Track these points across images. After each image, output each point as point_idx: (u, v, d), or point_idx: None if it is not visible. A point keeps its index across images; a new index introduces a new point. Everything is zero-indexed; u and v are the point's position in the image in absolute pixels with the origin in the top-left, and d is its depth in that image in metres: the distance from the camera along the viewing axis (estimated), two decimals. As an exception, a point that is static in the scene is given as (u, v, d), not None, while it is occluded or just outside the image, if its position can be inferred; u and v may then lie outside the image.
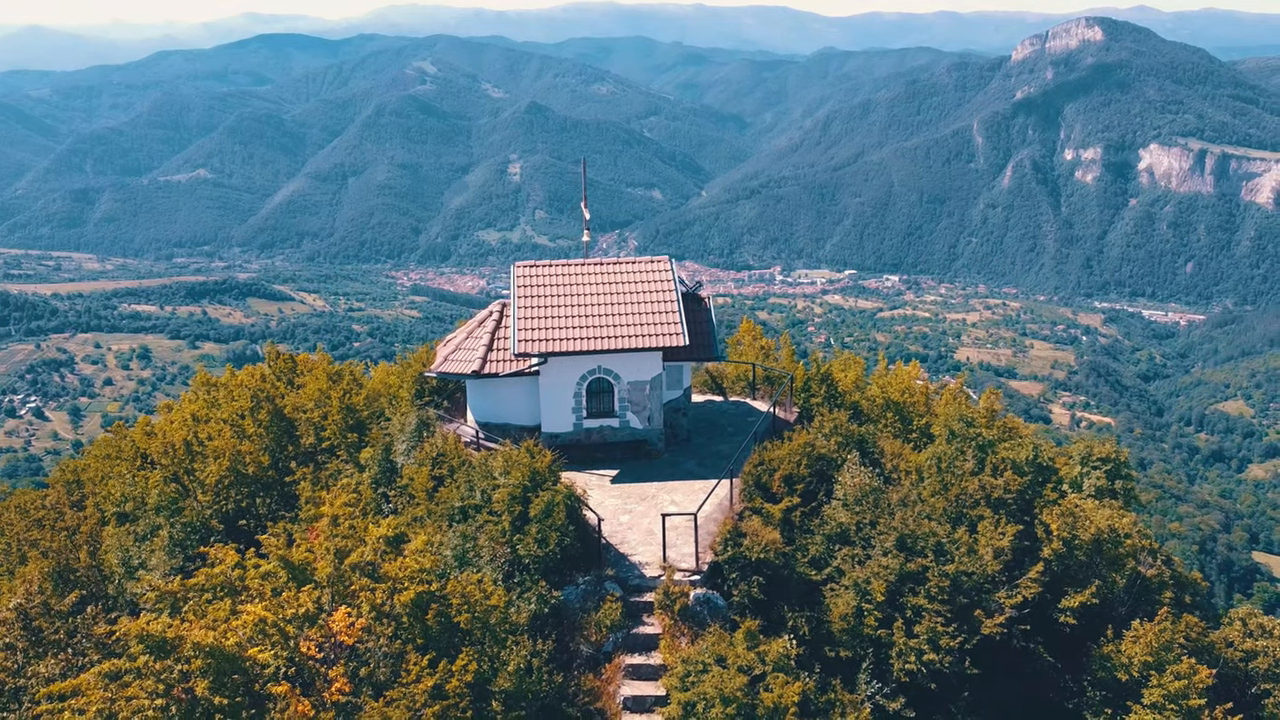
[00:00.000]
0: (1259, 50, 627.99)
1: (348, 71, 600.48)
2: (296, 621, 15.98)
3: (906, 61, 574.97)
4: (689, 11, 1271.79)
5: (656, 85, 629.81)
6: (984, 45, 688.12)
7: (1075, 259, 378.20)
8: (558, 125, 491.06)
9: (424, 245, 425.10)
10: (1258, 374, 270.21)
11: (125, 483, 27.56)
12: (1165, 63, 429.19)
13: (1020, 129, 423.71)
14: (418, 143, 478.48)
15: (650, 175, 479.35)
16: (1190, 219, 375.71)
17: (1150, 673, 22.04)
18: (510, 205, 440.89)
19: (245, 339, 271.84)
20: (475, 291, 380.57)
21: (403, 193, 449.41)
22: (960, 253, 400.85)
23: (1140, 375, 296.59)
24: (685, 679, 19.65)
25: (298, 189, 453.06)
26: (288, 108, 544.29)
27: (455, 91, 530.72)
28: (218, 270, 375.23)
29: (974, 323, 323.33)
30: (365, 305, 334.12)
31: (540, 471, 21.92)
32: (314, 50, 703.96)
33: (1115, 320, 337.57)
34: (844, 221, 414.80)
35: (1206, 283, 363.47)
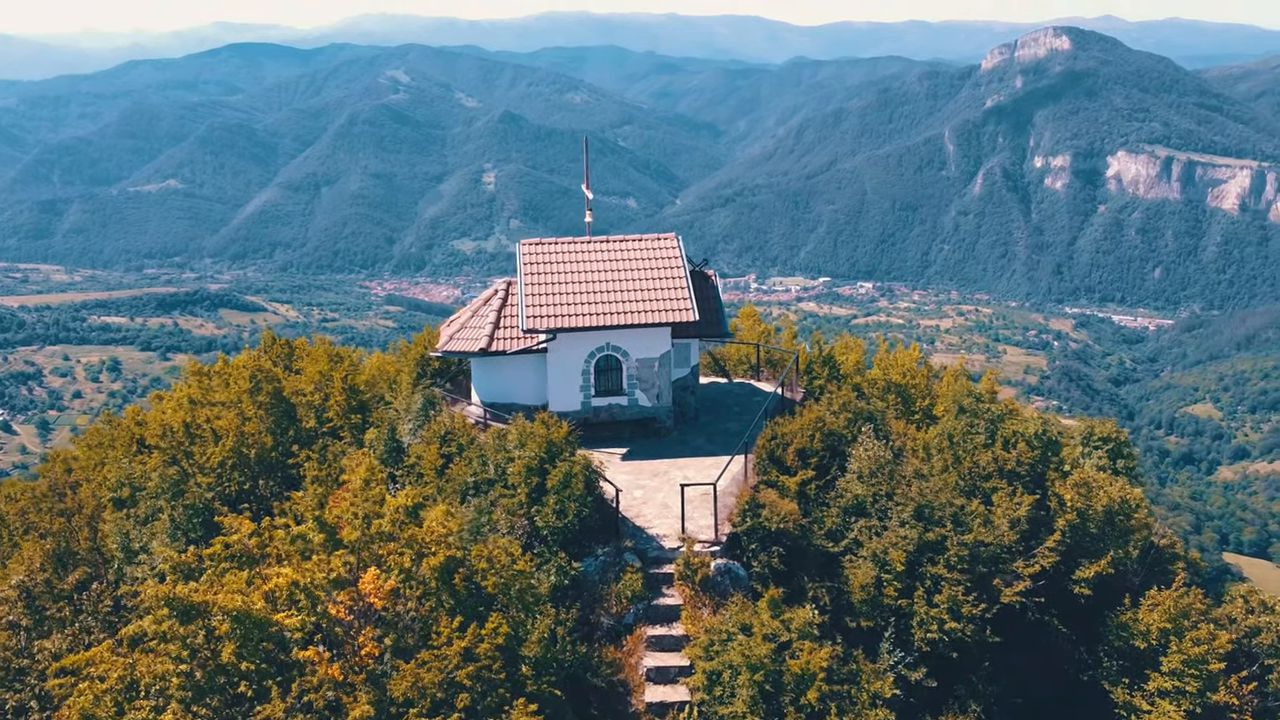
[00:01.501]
0: (1223, 59, 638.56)
1: (320, 80, 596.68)
2: (326, 585, 15.58)
3: (878, 70, 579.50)
4: (661, 21, 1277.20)
5: (630, 94, 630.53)
6: (954, 54, 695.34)
7: (1046, 265, 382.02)
8: (532, 134, 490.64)
9: (398, 255, 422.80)
10: (1225, 377, 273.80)
11: (122, 467, 26.94)
12: (1131, 71, 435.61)
13: (991, 137, 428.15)
14: (391, 152, 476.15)
15: (625, 184, 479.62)
16: (1158, 225, 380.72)
17: (1170, 639, 22.04)
18: (485, 214, 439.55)
19: (218, 350, 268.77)
20: (450, 301, 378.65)
21: (376, 202, 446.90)
22: (933, 260, 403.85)
23: (1111, 379, 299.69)
24: (709, 649, 19.40)
25: (270, 199, 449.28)
26: (260, 117, 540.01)
27: (428, 100, 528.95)
28: (189, 281, 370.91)
29: (947, 329, 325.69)
30: (339, 315, 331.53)
31: (556, 443, 21.63)
32: (286, 59, 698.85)
33: (1086, 325, 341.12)
34: (818, 229, 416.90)
35: (1174, 288, 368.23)
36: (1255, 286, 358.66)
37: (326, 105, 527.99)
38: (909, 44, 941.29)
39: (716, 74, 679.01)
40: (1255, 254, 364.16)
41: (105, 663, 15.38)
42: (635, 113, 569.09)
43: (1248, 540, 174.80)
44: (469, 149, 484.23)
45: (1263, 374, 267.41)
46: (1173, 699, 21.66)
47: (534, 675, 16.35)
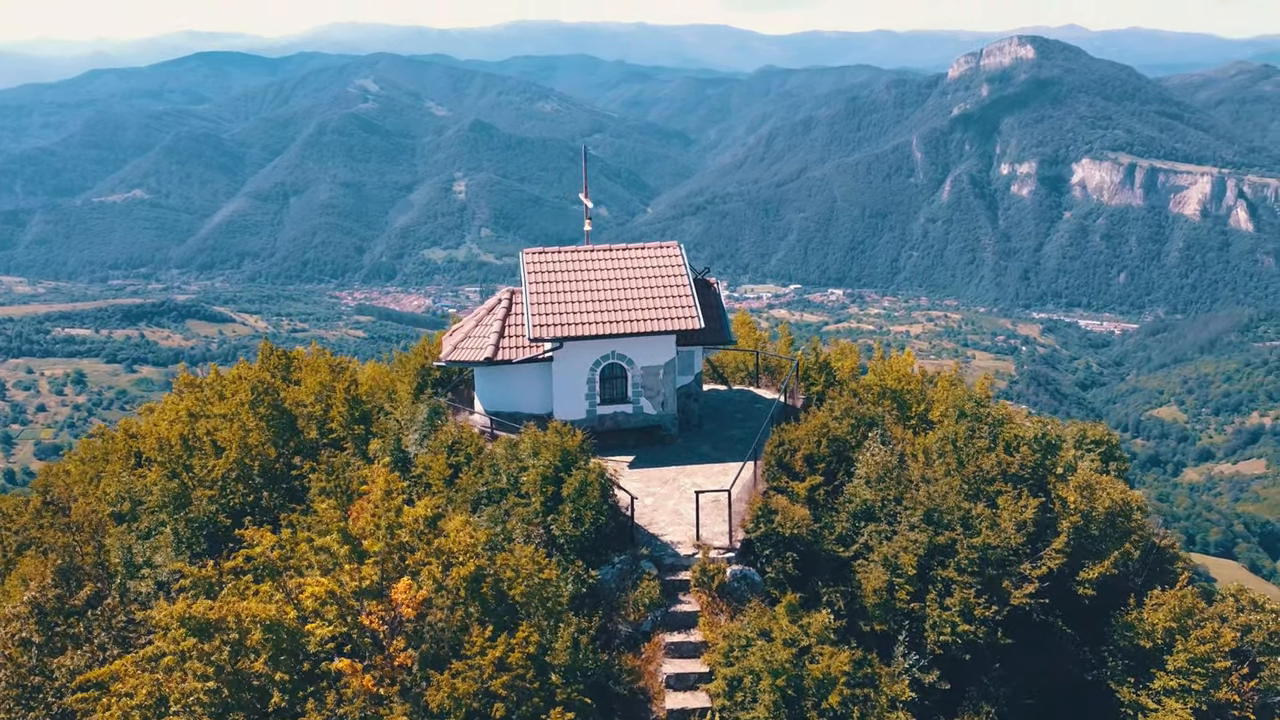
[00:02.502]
0: (1183, 67, 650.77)
1: (288, 89, 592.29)
2: (358, 595, 15.52)
3: (846, 79, 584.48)
4: (631, 30, 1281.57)
5: (601, 103, 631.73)
6: (921, 63, 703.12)
7: (1013, 271, 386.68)
8: (502, 143, 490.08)
9: (368, 264, 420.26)
10: (1189, 380, 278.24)
11: (122, 481, 26.62)
12: (1095, 80, 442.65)
13: (958, 144, 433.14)
14: (361, 161, 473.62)
15: (596, 192, 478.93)
16: (1122, 231, 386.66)
17: (1176, 638, 22.41)
18: (456, 223, 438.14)
19: (185, 361, 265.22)
20: (421, 310, 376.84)
21: (346, 212, 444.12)
22: (902, 266, 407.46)
23: (1078, 383, 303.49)
24: (729, 654, 19.50)
25: (238, 209, 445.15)
26: (227, 126, 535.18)
27: (398, 109, 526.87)
28: (155, 292, 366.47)
29: (917, 334, 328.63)
30: (309, 326, 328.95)
31: (571, 451, 21.66)
32: (253, 68, 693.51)
33: (1053, 330, 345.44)
34: (788, 237, 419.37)
35: (1139, 292, 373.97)
36: (1217, 291, 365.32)
37: (295, 114, 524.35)
38: (877, 53, 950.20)
39: (687, 83, 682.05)
40: (1216, 259, 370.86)
41: (132, 678, 15.23)
42: (606, 121, 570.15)
43: (1214, 541, 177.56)
44: (439, 158, 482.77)
45: (1225, 377, 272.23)
46: (1178, 697, 22.03)
47: (564, 683, 16.37)
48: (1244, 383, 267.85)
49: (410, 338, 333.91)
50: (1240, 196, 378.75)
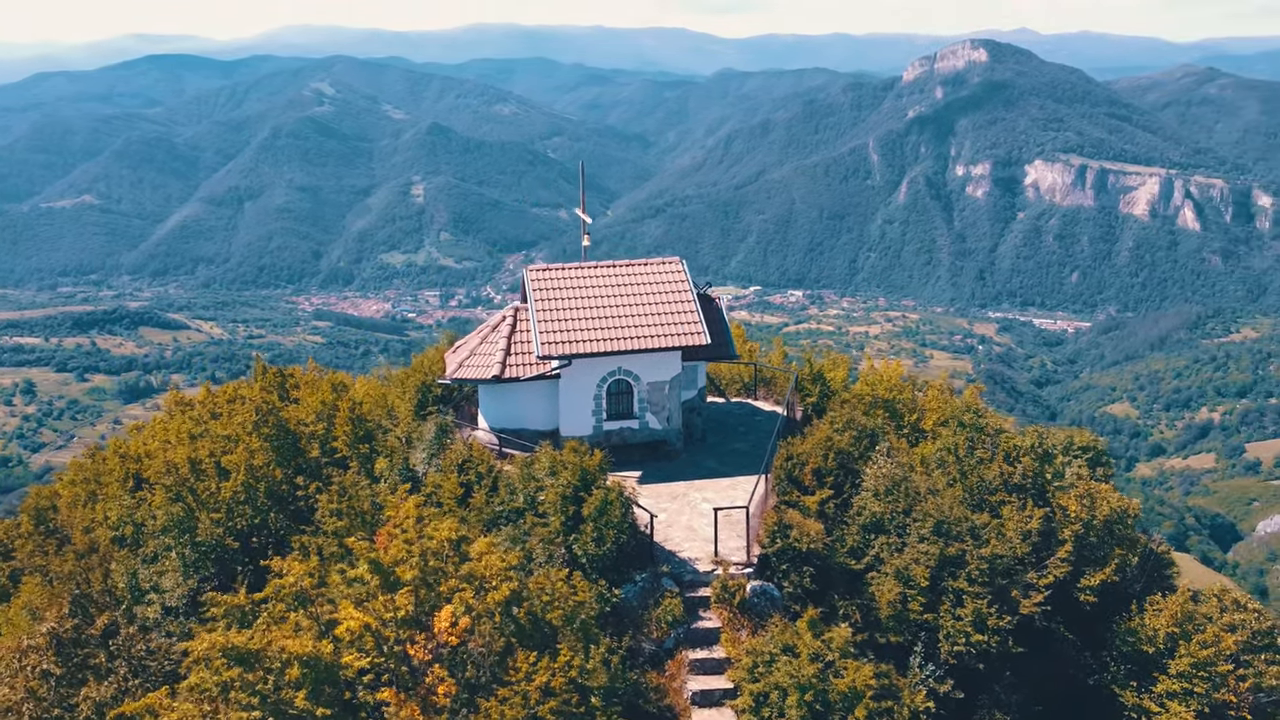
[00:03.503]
0: (1131, 70, 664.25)
1: (242, 93, 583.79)
2: (395, 625, 15.52)
3: (803, 82, 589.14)
4: (589, 32, 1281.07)
5: (559, 106, 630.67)
6: (877, 66, 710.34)
7: (969, 271, 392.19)
8: (461, 146, 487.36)
9: (326, 269, 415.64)
10: (1141, 377, 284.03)
11: (123, 505, 26.23)
12: (1046, 82, 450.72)
13: (913, 147, 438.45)
14: (317, 165, 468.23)
15: (555, 195, 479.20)
16: (1074, 231, 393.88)
17: (1178, 643, 23.06)
18: (414, 227, 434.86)
19: (138, 370, 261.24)
20: (380, 315, 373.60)
21: (302, 216, 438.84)
22: (861, 267, 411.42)
23: (1034, 381, 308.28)
24: (754, 670, 19.75)
25: (191, 214, 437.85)
26: (179, 130, 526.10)
27: (355, 113, 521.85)
28: (107, 299, 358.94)
29: (876, 335, 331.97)
30: (265, 332, 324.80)
31: (590, 471, 21.77)
32: (206, 71, 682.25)
33: (1008, 329, 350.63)
34: (748, 239, 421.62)
35: (1091, 291, 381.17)
36: (1166, 289, 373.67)
37: (249, 118, 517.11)
38: (833, 56, 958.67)
39: (645, 85, 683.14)
40: (1165, 258, 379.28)
41: (171, 711, 15.11)
42: (565, 124, 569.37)
43: (1166, 534, 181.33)
44: (397, 161, 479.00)
45: (1175, 373, 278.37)
46: (1181, 700, 22.66)
47: (604, 705, 16.50)
48: (1193, 379, 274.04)
49: (370, 343, 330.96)
50: (1187, 197, 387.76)
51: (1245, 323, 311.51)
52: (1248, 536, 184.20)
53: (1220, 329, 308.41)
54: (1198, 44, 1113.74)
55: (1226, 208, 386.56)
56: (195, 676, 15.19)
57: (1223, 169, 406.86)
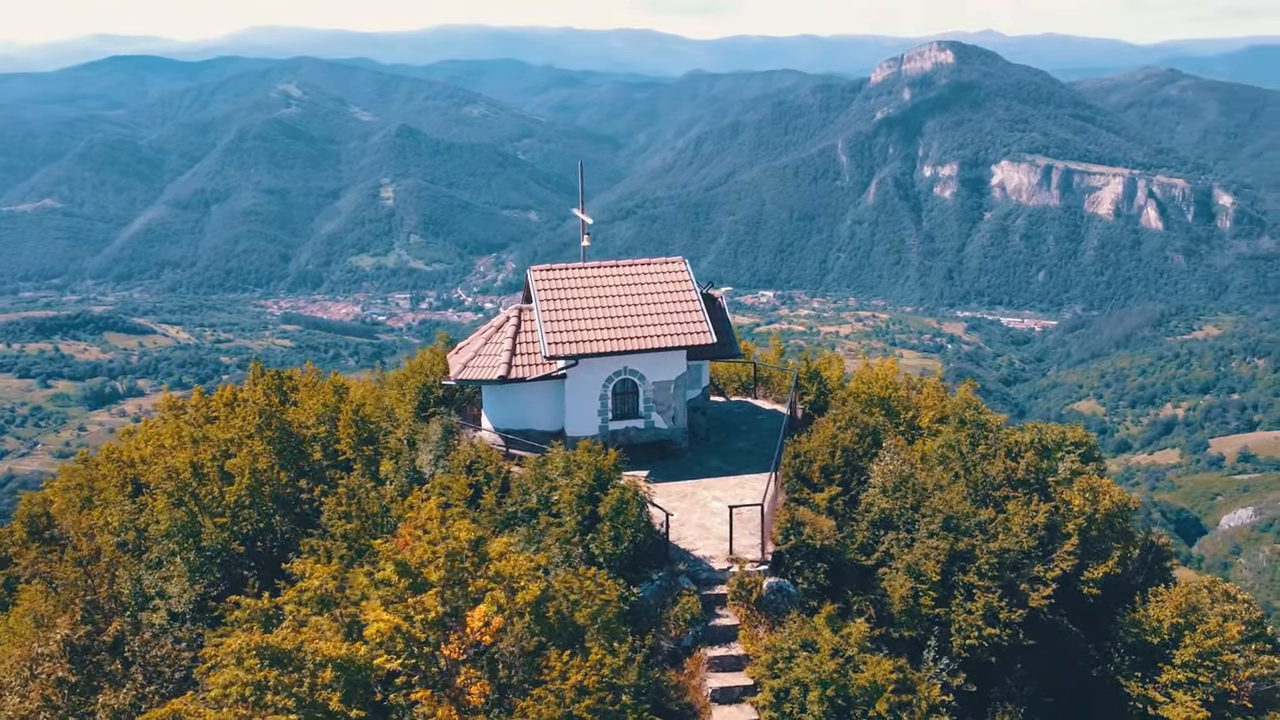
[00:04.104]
0: (1094, 71, 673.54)
1: (207, 94, 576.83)
2: (425, 626, 15.46)
3: (772, 84, 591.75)
4: (559, 34, 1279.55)
5: (529, 107, 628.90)
6: (845, 68, 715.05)
7: (938, 271, 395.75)
8: (430, 148, 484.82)
9: (294, 272, 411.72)
10: (1107, 374, 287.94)
11: (125, 511, 25.87)
12: (1011, 84, 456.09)
13: (882, 148, 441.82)
14: (284, 167, 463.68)
15: (526, 197, 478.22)
16: (1040, 230, 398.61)
17: (1183, 634, 23.45)
18: (384, 229, 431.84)
19: (103, 375, 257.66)
20: (350, 318, 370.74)
21: (270, 219, 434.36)
22: (831, 267, 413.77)
23: (1002, 380, 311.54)
24: (773, 667, 19.84)
25: (156, 217, 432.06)
26: (143, 132, 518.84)
27: (322, 114, 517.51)
28: (70, 304, 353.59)
29: (846, 335, 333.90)
30: (233, 336, 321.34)
31: (605, 470, 21.78)
32: (171, 73, 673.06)
33: (977, 328, 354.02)
34: (718, 240, 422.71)
35: (1057, 290, 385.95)
36: (1130, 288, 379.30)
37: (215, 120, 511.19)
38: (801, 58, 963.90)
39: (615, 87, 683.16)
40: (1129, 257, 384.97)
41: (197, 716, 14.95)
42: (535, 126, 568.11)
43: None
44: (366, 163, 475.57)
45: (1140, 370, 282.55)
46: (1186, 690, 23.04)
47: (634, 704, 16.53)
48: (1157, 376, 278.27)
49: (340, 346, 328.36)
50: (1150, 196, 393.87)
51: (1207, 320, 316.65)
52: (1212, 531, 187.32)
53: (1183, 326, 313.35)
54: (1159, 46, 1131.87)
55: (1188, 207, 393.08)
56: (228, 674, 15.02)
57: (1184, 169, 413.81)
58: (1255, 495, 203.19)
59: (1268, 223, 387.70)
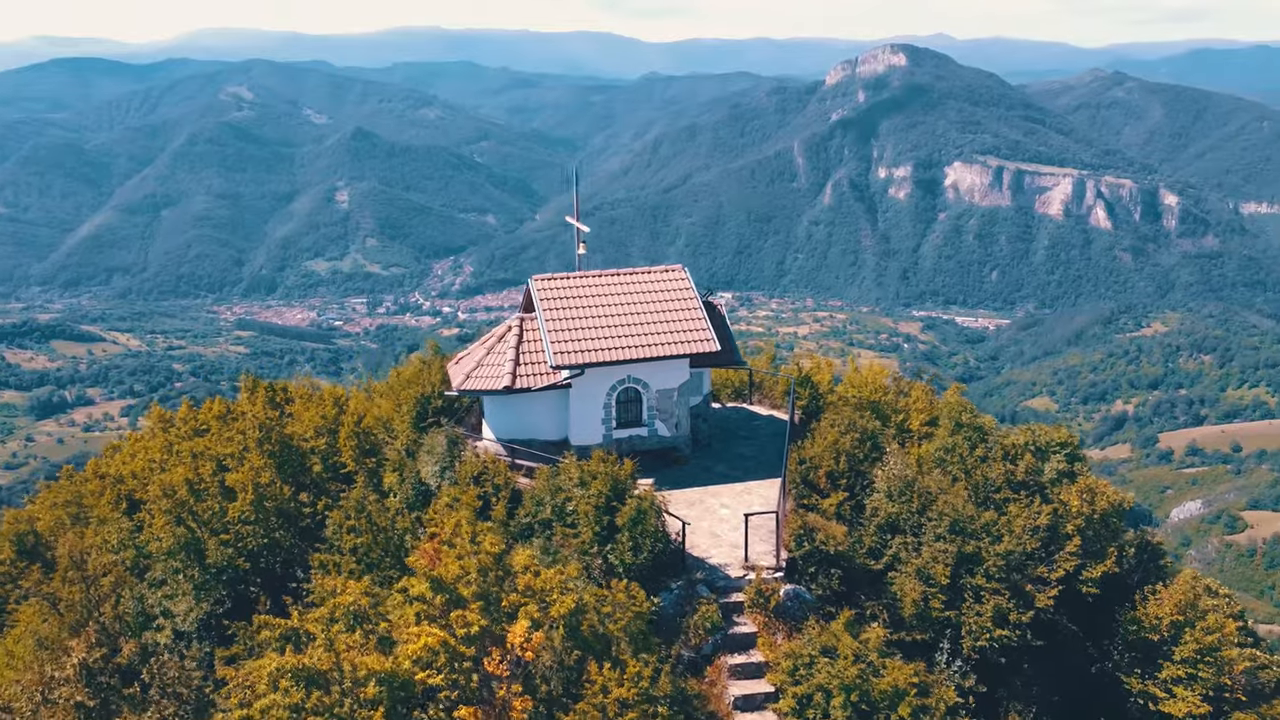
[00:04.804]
0: (1043, 74, 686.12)
1: (156, 97, 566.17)
2: (468, 641, 15.40)
3: (728, 86, 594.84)
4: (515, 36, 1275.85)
5: (485, 110, 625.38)
6: (800, 70, 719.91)
7: (893, 271, 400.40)
8: (385, 151, 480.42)
9: (248, 277, 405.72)
10: (1059, 372, 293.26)
11: (123, 529, 25.39)
12: (963, 86, 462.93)
13: (837, 149, 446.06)
14: (237, 171, 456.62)
15: (483, 200, 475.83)
16: (992, 231, 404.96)
17: (1183, 630, 24.03)
18: (339, 234, 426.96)
19: (51, 384, 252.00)
20: (306, 323, 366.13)
21: (222, 223, 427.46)
22: (788, 269, 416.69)
23: (958, 378, 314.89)
24: (794, 673, 20.02)
25: (105, 222, 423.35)
26: (90, 136, 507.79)
27: (275, 117, 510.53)
28: (15, 311, 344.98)
29: (805, 335, 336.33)
30: (186, 343, 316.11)
31: (621, 481, 21.82)
32: (118, 75, 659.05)
33: (932, 327, 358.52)
34: (677, 242, 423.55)
35: (1010, 289, 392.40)
36: (1080, 286, 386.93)
37: (165, 123, 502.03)
38: (756, 60, 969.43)
39: (571, 89, 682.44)
40: (1079, 256, 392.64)
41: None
42: (491, 128, 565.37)
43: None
44: (320, 166, 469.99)
45: (1091, 368, 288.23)
46: (1187, 685, 23.61)
47: (671, 714, 16.61)
48: (1108, 373, 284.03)
49: (296, 352, 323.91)
50: (1099, 197, 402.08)
51: (1155, 317, 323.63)
52: (1162, 523, 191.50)
53: (1132, 324, 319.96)
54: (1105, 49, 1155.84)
55: (1135, 207, 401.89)
56: (264, 700, 14.84)
57: (1131, 169, 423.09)
58: (1203, 488, 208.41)
59: (1211, 222, 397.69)
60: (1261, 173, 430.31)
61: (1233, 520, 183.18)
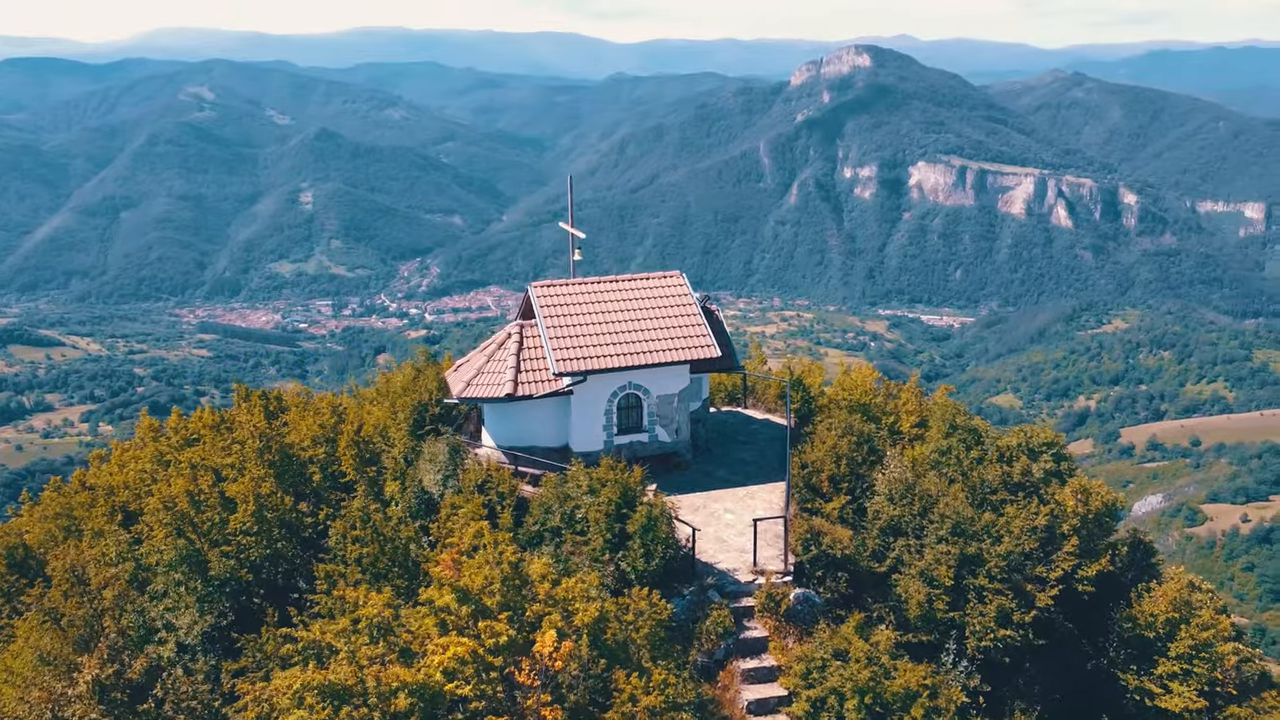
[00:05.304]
0: (1005, 75, 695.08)
1: (114, 97, 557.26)
2: (497, 651, 15.43)
3: (694, 86, 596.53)
4: (480, 37, 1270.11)
5: (451, 110, 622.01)
6: (766, 71, 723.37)
7: (859, 270, 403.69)
8: (350, 152, 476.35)
9: (211, 280, 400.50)
10: (1023, 369, 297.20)
11: (121, 541, 25.04)
12: (927, 87, 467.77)
13: (803, 150, 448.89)
14: (199, 172, 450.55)
15: (449, 201, 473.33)
16: (957, 230, 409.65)
17: (1178, 626, 24.56)
18: (304, 235, 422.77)
19: (9, 390, 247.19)
20: (270, 326, 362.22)
21: (184, 225, 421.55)
22: (755, 268, 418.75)
23: (924, 376, 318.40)
24: (807, 676, 20.23)
25: (63, 224, 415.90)
26: (47, 137, 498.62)
27: (237, 118, 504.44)
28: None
29: (772, 335, 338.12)
30: (148, 346, 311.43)
31: (631, 488, 21.92)
32: (75, 75, 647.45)
33: (898, 326, 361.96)
34: (645, 242, 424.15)
35: (974, 287, 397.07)
36: (1043, 284, 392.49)
37: (123, 123, 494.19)
38: (722, 61, 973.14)
39: (537, 90, 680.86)
40: (1042, 254, 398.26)
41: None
42: (457, 129, 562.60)
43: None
44: (284, 167, 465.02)
45: (1054, 365, 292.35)
46: (1182, 680, 24.14)
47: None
48: (1070, 369, 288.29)
49: (260, 355, 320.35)
50: (1060, 196, 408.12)
51: (1115, 314, 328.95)
52: (1124, 517, 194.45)
53: (1093, 321, 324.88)
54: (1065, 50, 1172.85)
55: (1095, 206, 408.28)
56: (292, 717, 14.78)
57: (1091, 169, 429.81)
58: (1164, 482, 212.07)
59: (1169, 220, 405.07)
60: (1218, 172, 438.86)
61: (1193, 513, 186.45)
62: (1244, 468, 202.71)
